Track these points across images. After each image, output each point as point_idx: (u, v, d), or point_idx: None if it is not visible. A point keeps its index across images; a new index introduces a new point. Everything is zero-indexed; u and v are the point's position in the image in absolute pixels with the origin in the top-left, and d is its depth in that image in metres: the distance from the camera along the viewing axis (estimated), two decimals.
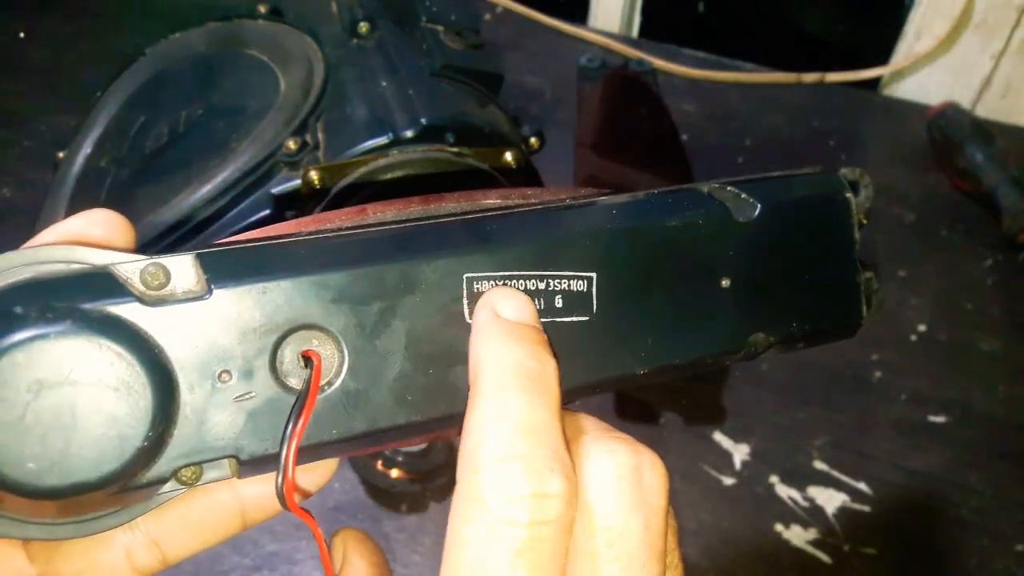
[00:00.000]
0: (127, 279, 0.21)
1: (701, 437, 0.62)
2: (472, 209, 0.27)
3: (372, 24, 0.58)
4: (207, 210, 0.51)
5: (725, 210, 0.27)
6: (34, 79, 0.90)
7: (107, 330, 0.21)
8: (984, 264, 0.77)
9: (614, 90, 0.76)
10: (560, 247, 0.25)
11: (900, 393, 0.67)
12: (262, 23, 0.63)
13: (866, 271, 0.29)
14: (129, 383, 0.21)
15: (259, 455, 0.22)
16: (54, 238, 0.24)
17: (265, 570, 0.54)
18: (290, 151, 0.52)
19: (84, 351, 0.20)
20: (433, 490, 0.57)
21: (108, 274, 0.21)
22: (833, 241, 0.29)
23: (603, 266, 0.25)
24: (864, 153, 0.89)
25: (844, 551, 0.56)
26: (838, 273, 0.29)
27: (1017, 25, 0.89)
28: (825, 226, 0.29)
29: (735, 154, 0.87)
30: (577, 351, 0.25)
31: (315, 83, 0.56)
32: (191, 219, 0.51)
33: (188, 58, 0.64)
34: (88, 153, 0.61)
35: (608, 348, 0.25)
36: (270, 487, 0.23)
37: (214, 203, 0.52)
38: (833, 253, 0.29)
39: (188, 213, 0.51)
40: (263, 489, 0.26)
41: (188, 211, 0.51)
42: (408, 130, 0.51)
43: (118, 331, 0.21)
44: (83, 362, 0.20)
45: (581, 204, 0.26)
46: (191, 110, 0.59)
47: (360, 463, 0.57)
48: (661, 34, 1.02)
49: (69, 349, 0.20)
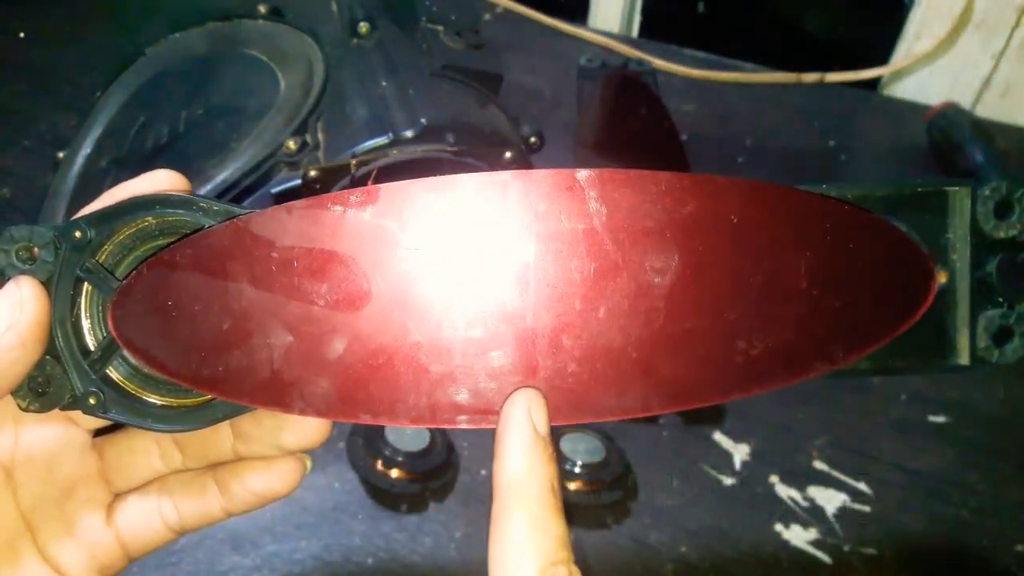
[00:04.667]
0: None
1: (701, 437, 0.62)
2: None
3: (372, 24, 0.58)
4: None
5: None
6: (34, 79, 0.90)
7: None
8: None
9: (614, 90, 0.76)
10: None
11: (900, 393, 0.67)
12: (262, 23, 0.63)
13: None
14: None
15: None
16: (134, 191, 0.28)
17: (265, 570, 0.54)
18: (290, 151, 0.52)
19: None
20: (433, 490, 0.57)
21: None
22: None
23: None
24: (864, 153, 0.89)
25: (844, 551, 0.56)
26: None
27: (1017, 25, 0.89)
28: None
29: (735, 154, 0.87)
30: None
31: (315, 83, 0.56)
32: None
33: (188, 58, 0.64)
34: (88, 153, 0.61)
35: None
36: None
37: None
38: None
39: None
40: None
41: None
42: (408, 130, 0.51)
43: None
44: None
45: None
46: (191, 110, 0.59)
47: (360, 463, 0.57)
48: (661, 34, 1.02)
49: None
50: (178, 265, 0.26)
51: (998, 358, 0.29)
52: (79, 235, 0.27)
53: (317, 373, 0.26)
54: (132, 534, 0.31)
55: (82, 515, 0.30)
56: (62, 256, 0.27)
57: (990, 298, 0.29)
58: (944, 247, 0.29)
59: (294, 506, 0.57)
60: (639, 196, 0.25)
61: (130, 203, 0.27)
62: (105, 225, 0.27)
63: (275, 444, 0.30)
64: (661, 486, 0.59)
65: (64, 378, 0.28)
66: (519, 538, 0.23)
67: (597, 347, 0.25)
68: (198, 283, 0.26)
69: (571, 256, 0.25)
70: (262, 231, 0.25)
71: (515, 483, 0.24)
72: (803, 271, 0.25)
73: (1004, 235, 0.29)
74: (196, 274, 0.26)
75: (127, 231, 0.28)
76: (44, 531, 0.30)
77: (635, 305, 0.25)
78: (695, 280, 0.25)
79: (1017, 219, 0.29)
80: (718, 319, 0.25)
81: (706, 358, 0.26)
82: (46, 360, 0.28)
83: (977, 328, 0.29)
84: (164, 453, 0.31)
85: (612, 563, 0.56)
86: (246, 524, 0.55)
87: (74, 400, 0.28)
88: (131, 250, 0.28)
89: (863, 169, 0.87)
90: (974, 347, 0.29)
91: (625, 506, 0.58)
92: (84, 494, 0.31)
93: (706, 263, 0.25)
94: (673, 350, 0.25)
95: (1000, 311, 0.29)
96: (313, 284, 0.25)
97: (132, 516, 0.31)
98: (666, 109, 0.69)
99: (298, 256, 0.25)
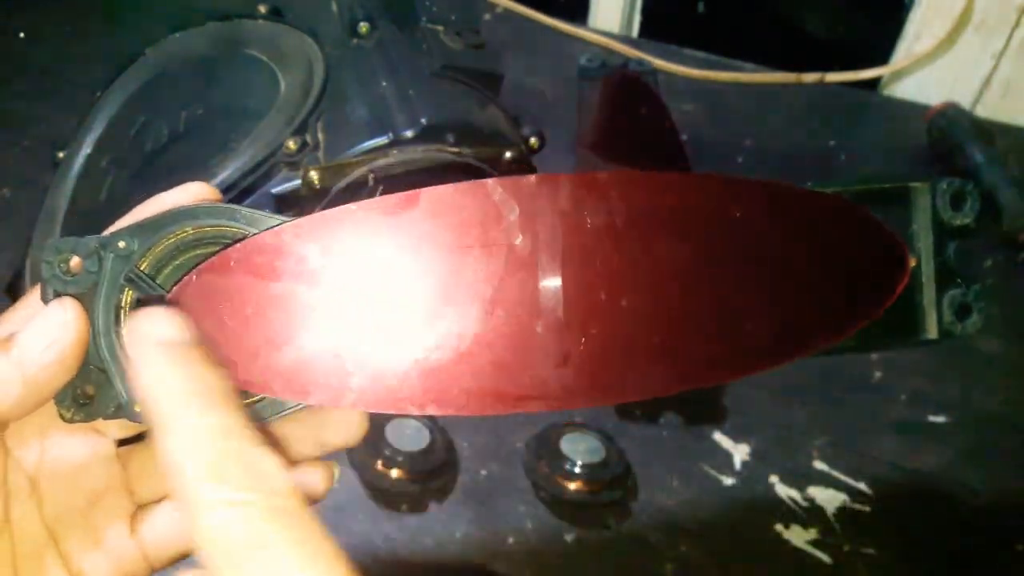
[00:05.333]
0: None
1: (701, 437, 0.62)
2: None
3: (372, 24, 0.58)
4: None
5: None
6: (34, 79, 0.90)
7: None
8: (984, 264, 0.77)
9: (614, 90, 0.76)
10: None
11: (900, 393, 0.67)
12: (262, 23, 0.63)
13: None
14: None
15: None
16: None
17: None
18: (290, 151, 0.52)
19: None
20: (433, 490, 0.57)
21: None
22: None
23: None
24: (864, 153, 0.89)
25: (844, 551, 0.56)
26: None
27: (1017, 25, 0.89)
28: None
29: (735, 154, 0.87)
30: None
31: (315, 83, 0.56)
32: None
33: (188, 58, 0.64)
34: (88, 153, 0.61)
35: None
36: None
37: None
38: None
39: None
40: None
41: None
42: (408, 130, 0.51)
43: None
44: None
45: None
46: (191, 110, 0.59)
47: (360, 463, 0.57)
48: (661, 34, 1.02)
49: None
50: (227, 270, 0.27)
51: (961, 331, 0.33)
52: (123, 245, 0.28)
53: (363, 367, 0.27)
54: (155, 545, 0.31)
55: (106, 525, 0.31)
56: (106, 267, 0.28)
57: (951, 279, 0.33)
58: (910, 236, 0.33)
59: None
60: (651, 195, 0.28)
61: (174, 213, 0.28)
62: (147, 235, 0.28)
63: (319, 442, 0.31)
64: (661, 486, 0.59)
65: (108, 387, 0.28)
66: (176, 448, 0.22)
67: (621, 334, 0.28)
68: (248, 286, 0.27)
69: (596, 253, 0.27)
70: (311, 236, 0.27)
71: (158, 398, 0.23)
72: (799, 258, 0.29)
73: (960, 223, 0.33)
74: (247, 277, 0.27)
75: (168, 241, 0.28)
76: (69, 541, 0.30)
77: (653, 295, 0.28)
78: (704, 270, 0.28)
79: (970, 208, 0.33)
80: (724, 304, 0.28)
81: (718, 340, 0.29)
82: (90, 370, 0.28)
83: (943, 306, 0.33)
84: None
85: (612, 563, 0.56)
86: None
87: (119, 409, 0.28)
88: (171, 260, 0.29)
89: (863, 169, 0.87)
90: (941, 323, 0.34)
91: (625, 506, 0.58)
92: (109, 504, 0.31)
93: (714, 255, 0.28)
94: (688, 334, 0.28)
95: (960, 290, 0.33)
96: (359, 285, 0.27)
97: (156, 527, 0.31)
98: (666, 109, 0.68)
99: (345, 260, 0.27)
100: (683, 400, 0.64)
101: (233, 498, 0.21)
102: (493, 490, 0.58)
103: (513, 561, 0.55)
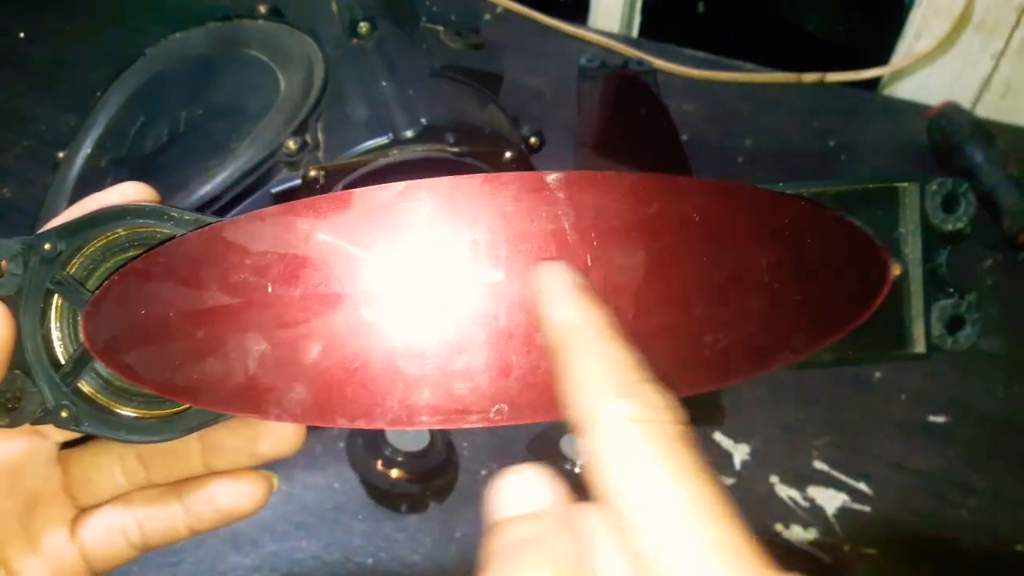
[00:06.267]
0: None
1: (701, 437, 0.62)
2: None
3: (372, 24, 0.58)
4: (207, 210, 0.51)
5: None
6: (34, 79, 0.90)
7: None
8: (984, 264, 0.77)
9: (614, 90, 0.76)
10: None
11: (900, 393, 0.67)
12: (262, 23, 0.63)
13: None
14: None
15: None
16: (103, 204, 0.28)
17: (265, 570, 0.54)
18: (290, 151, 0.52)
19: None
20: (433, 490, 0.57)
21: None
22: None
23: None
24: (864, 153, 0.89)
25: (844, 551, 0.56)
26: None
27: (1017, 25, 0.89)
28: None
29: (735, 154, 0.87)
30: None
31: (315, 83, 0.56)
32: None
33: (188, 58, 0.64)
34: (88, 153, 0.61)
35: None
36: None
37: (214, 203, 0.52)
38: None
39: None
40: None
41: None
42: (408, 130, 0.51)
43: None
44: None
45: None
46: (191, 110, 0.59)
47: (360, 463, 0.57)
48: (661, 34, 1.02)
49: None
50: (150, 274, 0.26)
51: (952, 345, 0.31)
52: (48, 247, 0.27)
53: (293, 378, 0.26)
54: (96, 550, 0.31)
55: (46, 530, 0.30)
56: (31, 269, 0.27)
57: (942, 288, 0.30)
58: (897, 241, 0.30)
59: (294, 506, 0.57)
60: (605, 197, 0.26)
61: (101, 213, 0.27)
62: (75, 236, 0.27)
63: (251, 453, 0.30)
64: None
65: (35, 392, 0.28)
66: (590, 373, 0.23)
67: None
68: (171, 291, 0.26)
69: (541, 256, 0.26)
70: (235, 238, 0.26)
71: (569, 331, 0.24)
72: (764, 266, 0.27)
73: (952, 228, 0.30)
74: (168, 282, 0.26)
75: (97, 243, 0.28)
76: (7, 545, 0.30)
77: (605, 302, 0.25)
78: (661, 277, 0.26)
79: (963, 212, 0.30)
80: (685, 314, 0.26)
81: (675, 352, 0.26)
82: (15, 375, 0.27)
83: (931, 318, 0.31)
84: (127, 469, 0.31)
85: None
86: (246, 524, 0.55)
87: (45, 414, 0.28)
88: (101, 263, 0.28)
89: (863, 169, 0.87)
90: (929, 336, 0.31)
91: None
92: (48, 509, 0.30)
93: (671, 261, 0.26)
94: (642, 345, 0.25)
95: (951, 301, 0.30)
96: (287, 289, 0.26)
97: (96, 532, 0.31)
98: (666, 109, 0.68)
99: (271, 262, 0.25)
100: (683, 400, 0.64)
101: (639, 416, 0.22)
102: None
103: None
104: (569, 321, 0.24)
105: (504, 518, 0.23)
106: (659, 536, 0.20)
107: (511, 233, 0.25)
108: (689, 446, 0.22)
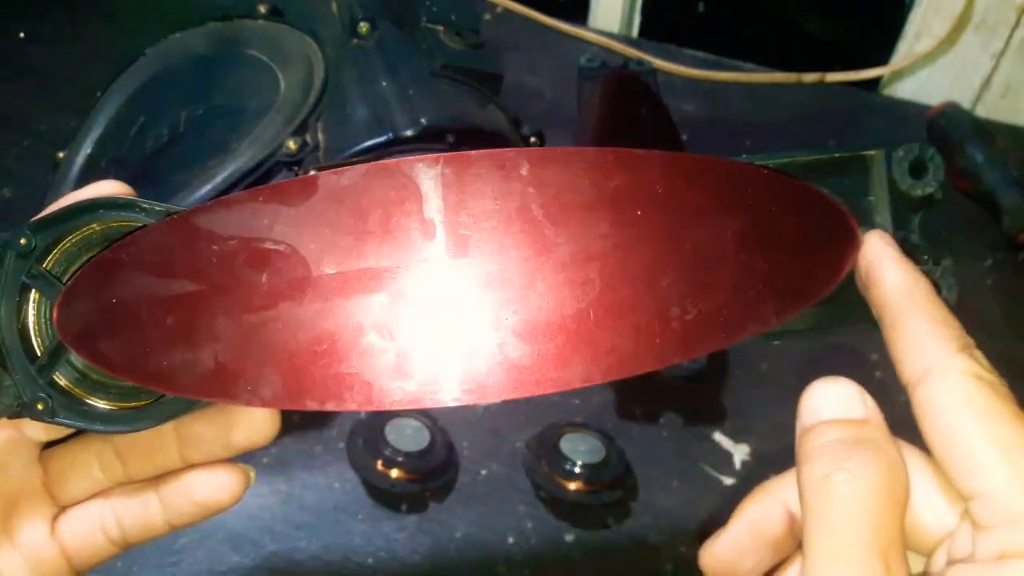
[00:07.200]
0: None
1: (701, 437, 0.62)
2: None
3: (372, 24, 0.58)
4: None
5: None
6: (34, 79, 0.90)
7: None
8: (984, 264, 0.77)
9: (614, 90, 0.76)
10: None
11: (900, 393, 0.66)
12: (262, 23, 0.63)
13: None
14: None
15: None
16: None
17: (265, 570, 0.54)
18: (290, 151, 0.52)
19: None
20: (433, 490, 0.57)
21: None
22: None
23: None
24: None
25: None
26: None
27: (1017, 25, 0.89)
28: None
29: (735, 154, 0.86)
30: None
31: (315, 83, 0.56)
32: None
33: (188, 58, 0.64)
34: (88, 153, 0.61)
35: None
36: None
37: None
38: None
39: None
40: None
41: None
42: (408, 130, 0.51)
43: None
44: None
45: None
46: (191, 110, 0.59)
47: (360, 463, 0.57)
48: (661, 34, 1.02)
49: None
50: (120, 262, 0.26)
51: None
52: (24, 242, 0.28)
53: (262, 362, 0.26)
54: (76, 547, 0.31)
55: (26, 528, 0.30)
56: (7, 264, 0.28)
57: (914, 256, 0.30)
58: (867, 210, 0.30)
59: (294, 506, 0.57)
60: (568, 173, 0.26)
61: (72, 208, 0.28)
62: (49, 231, 0.28)
63: (226, 443, 0.30)
64: (661, 486, 0.59)
65: (11, 386, 0.28)
66: (928, 331, 0.26)
67: (537, 321, 0.26)
68: (141, 279, 0.26)
69: (506, 235, 0.26)
70: (203, 224, 0.26)
71: (903, 293, 0.27)
72: (729, 236, 0.27)
73: (921, 193, 0.30)
74: (138, 271, 0.26)
75: (74, 239, 0.28)
76: None
77: (571, 278, 0.26)
78: (627, 251, 0.26)
79: (932, 177, 0.30)
80: (652, 287, 0.26)
81: (643, 326, 0.26)
82: None
83: None
84: (105, 465, 0.31)
85: (612, 563, 0.56)
86: (246, 524, 0.55)
87: (21, 407, 0.28)
88: (77, 257, 0.28)
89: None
90: None
91: (625, 506, 0.58)
92: (28, 507, 0.31)
93: (637, 234, 0.26)
94: (610, 320, 0.25)
95: (925, 268, 0.30)
96: (253, 274, 0.26)
97: (75, 529, 0.31)
98: (666, 109, 0.68)
99: (238, 247, 0.26)
100: (683, 400, 0.64)
101: (976, 372, 0.26)
102: (493, 490, 0.58)
103: (513, 561, 0.55)
104: (906, 285, 0.27)
105: (824, 420, 0.26)
106: (989, 475, 0.23)
107: (476, 211, 0.25)
108: (1016, 405, 0.25)
